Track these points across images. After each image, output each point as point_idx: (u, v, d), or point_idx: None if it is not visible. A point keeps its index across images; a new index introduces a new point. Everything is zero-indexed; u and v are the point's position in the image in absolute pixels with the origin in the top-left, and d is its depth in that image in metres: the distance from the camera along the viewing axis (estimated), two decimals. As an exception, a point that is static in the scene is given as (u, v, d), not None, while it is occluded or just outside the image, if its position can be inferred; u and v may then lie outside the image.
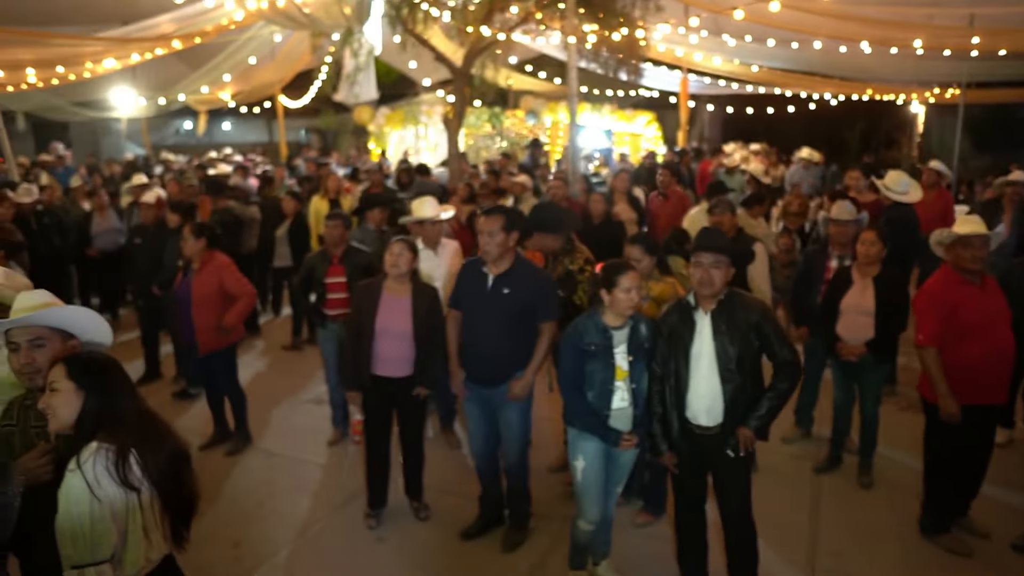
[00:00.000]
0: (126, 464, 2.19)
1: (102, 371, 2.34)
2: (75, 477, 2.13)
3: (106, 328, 2.71)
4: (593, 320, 3.55)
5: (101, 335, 2.70)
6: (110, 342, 2.73)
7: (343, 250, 5.44)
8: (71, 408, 2.26)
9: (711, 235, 3.55)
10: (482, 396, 4.18)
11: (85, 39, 9.40)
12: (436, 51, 9.93)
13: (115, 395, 2.31)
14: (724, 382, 3.39)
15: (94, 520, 2.11)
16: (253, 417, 5.79)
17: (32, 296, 2.68)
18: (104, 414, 2.26)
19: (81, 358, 2.37)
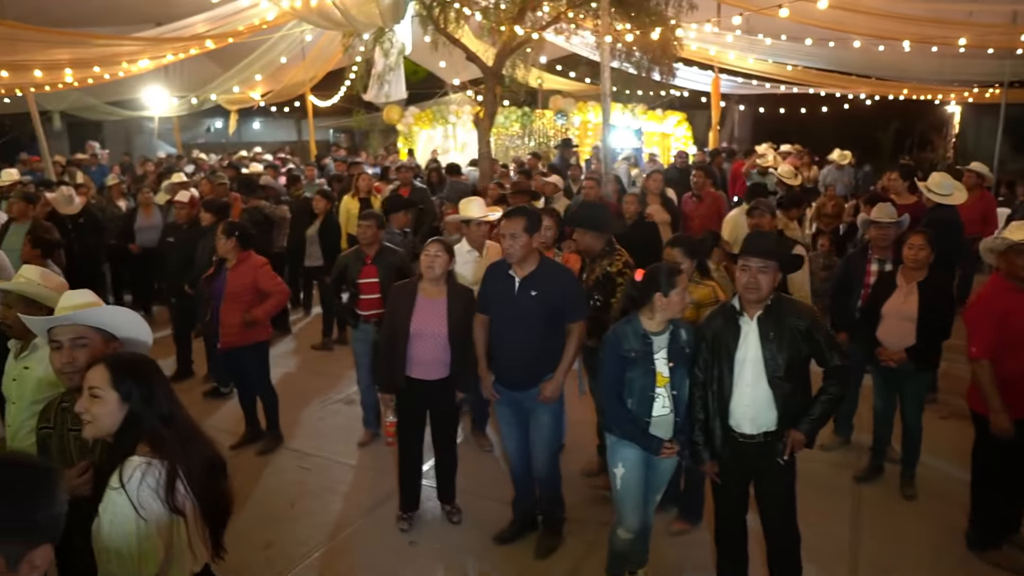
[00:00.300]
0: (173, 487, 2.09)
1: (147, 379, 2.24)
2: (119, 496, 2.02)
3: (147, 329, 2.69)
4: (632, 326, 3.48)
5: (143, 335, 2.68)
6: (151, 343, 2.71)
7: (376, 250, 5.41)
8: (113, 418, 2.17)
9: (759, 239, 3.45)
10: (513, 399, 4.12)
11: (123, 39, 9.51)
12: (468, 50, 9.88)
13: (159, 405, 2.21)
14: (773, 389, 3.30)
15: (140, 539, 2.02)
16: (283, 417, 5.78)
17: (76, 295, 2.66)
18: (148, 426, 2.18)
19: (125, 364, 2.26)
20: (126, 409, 2.17)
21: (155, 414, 2.18)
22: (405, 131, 18.84)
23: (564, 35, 10.33)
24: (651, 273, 3.45)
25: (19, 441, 3.33)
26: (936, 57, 11.60)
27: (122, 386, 2.17)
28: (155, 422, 2.17)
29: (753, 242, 3.39)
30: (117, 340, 2.62)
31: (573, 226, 4.55)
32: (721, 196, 7.98)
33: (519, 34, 9.33)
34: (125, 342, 2.65)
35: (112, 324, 2.59)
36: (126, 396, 2.17)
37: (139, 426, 2.16)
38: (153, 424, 2.17)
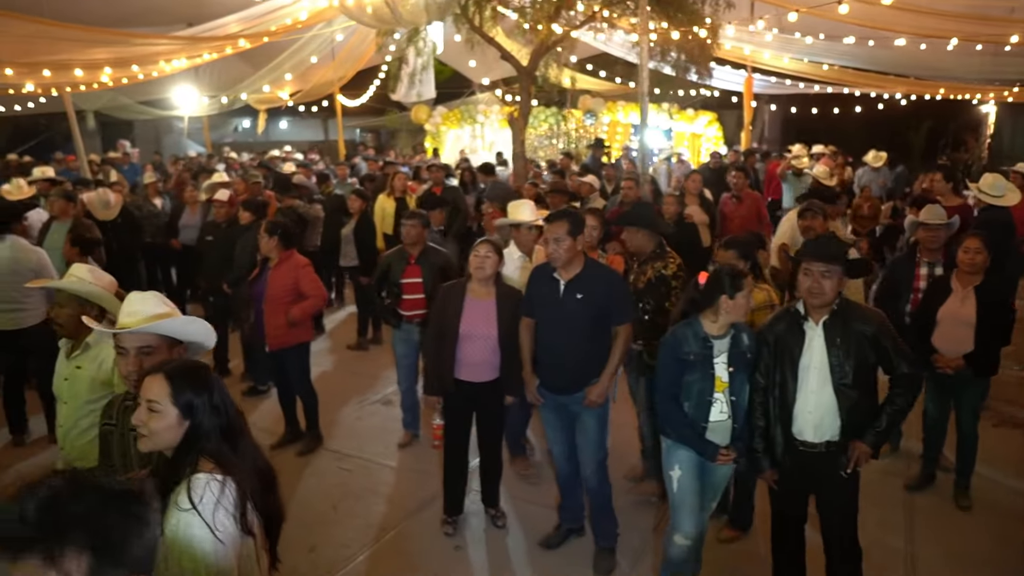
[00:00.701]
0: (245, 506, 2.00)
1: (208, 390, 2.11)
2: (192, 518, 1.90)
3: (213, 335, 2.67)
4: (692, 328, 3.40)
5: (209, 341, 2.66)
6: (212, 346, 2.69)
7: (420, 250, 5.36)
8: (173, 433, 2.07)
9: (823, 243, 3.34)
10: (558, 403, 4.05)
11: (161, 38, 9.55)
12: (503, 49, 9.83)
13: (221, 416, 2.10)
14: (840, 397, 3.21)
15: (218, 563, 1.92)
16: (321, 417, 5.74)
17: (146, 300, 2.60)
18: (211, 441, 2.07)
19: (186, 376, 2.12)
20: (187, 424, 2.07)
21: (217, 427, 2.09)
22: (433, 131, 18.84)
23: (599, 33, 10.19)
24: (716, 275, 3.37)
25: (71, 442, 3.32)
26: (978, 56, 11.36)
27: (182, 400, 2.07)
28: (218, 437, 2.08)
29: (816, 246, 3.29)
30: (182, 345, 2.60)
31: (626, 225, 4.45)
32: (760, 197, 7.84)
33: (556, 32, 9.25)
34: (188, 346, 2.62)
35: (183, 333, 2.57)
36: (187, 411, 2.07)
37: (202, 441, 2.06)
38: (216, 439, 2.07)
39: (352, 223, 7.75)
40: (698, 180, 8.08)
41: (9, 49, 8.33)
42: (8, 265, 5.42)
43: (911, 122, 25.84)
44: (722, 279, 3.31)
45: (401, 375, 5.59)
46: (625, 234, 4.50)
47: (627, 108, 17.72)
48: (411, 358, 5.51)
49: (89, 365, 3.32)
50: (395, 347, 5.60)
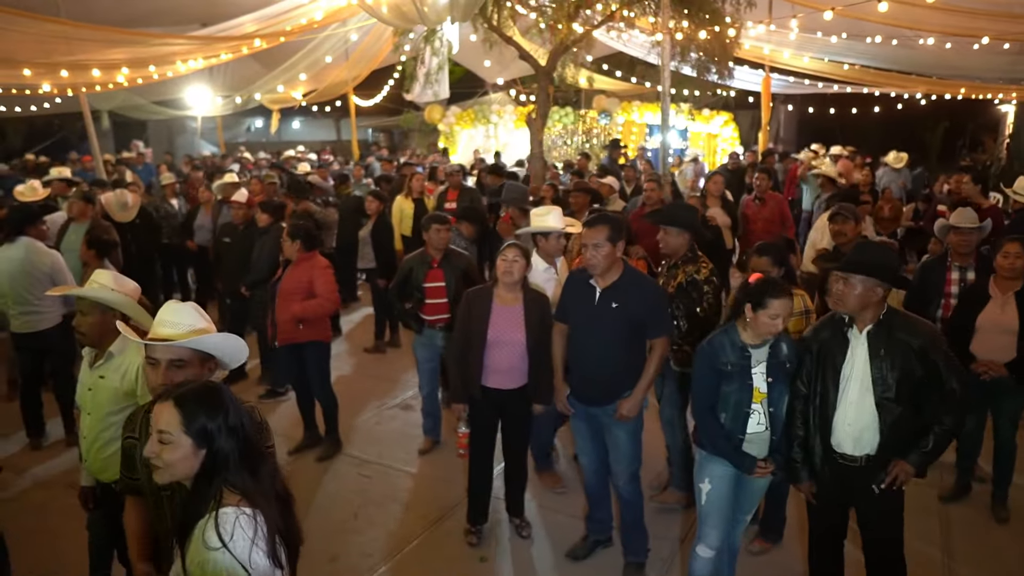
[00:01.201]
0: (275, 543, 1.90)
1: (222, 413, 1.97)
2: (223, 557, 1.80)
3: (246, 352, 2.61)
4: (729, 337, 3.29)
5: (240, 358, 2.60)
6: (243, 361, 2.64)
7: (443, 254, 5.27)
8: (189, 464, 1.95)
9: (866, 250, 3.19)
10: (589, 414, 3.95)
11: (177, 38, 9.49)
12: (521, 49, 9.72)
13: (239, 442, 1.97)
14: (881, 410, 3.09)
15: None
16: (340, 422, 5.66)
17: (184, 312, 2.53)
18: (232, 471, 1.94)
19: (198, 401, 1.97)
20: (203, 453, 1.95)
21: (236, 450, 1.96)
22: (446, 131, 18.77)
23: (617, 32, 10.06)
24: (759, 282, 3.26)
25: (95, 454, 3.24)
26: (1004, 55, 11.18)
27: (195, 427, 1.94)
28: (238, 463, 1.95)
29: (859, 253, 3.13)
30: (213, 360, 2.52)
31: (664, 225, 4.33)
32: (783, 199, 7.70)
33: (577, 32, 9.14)
34: (219, 361, 2.55)
35: (219, 349, 2.49)
36: (202, 438, 1.94)
37: (222, 470, 1.94)
38: (236, 465, 1.95)
39: (369, 224, 7.66)
40: (720, 182, 7.96)
41: (26, 49, 8.32)
42: (21, 267, 5.36)
43: (928, 123, 25.59)
44: (758, 287, 3.20)
45: (423, 380, 5.50)
46: (661, 235, 4.36)
47: (642, 108, 17.59)
48: (433, 363, 5.43)
49: (112, 375, 3.24)
50: (416, 351, 5.51)
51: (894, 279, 3.08)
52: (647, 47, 11.11)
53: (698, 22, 8.95)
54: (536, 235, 4.90)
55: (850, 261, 3.10)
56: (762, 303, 3.14)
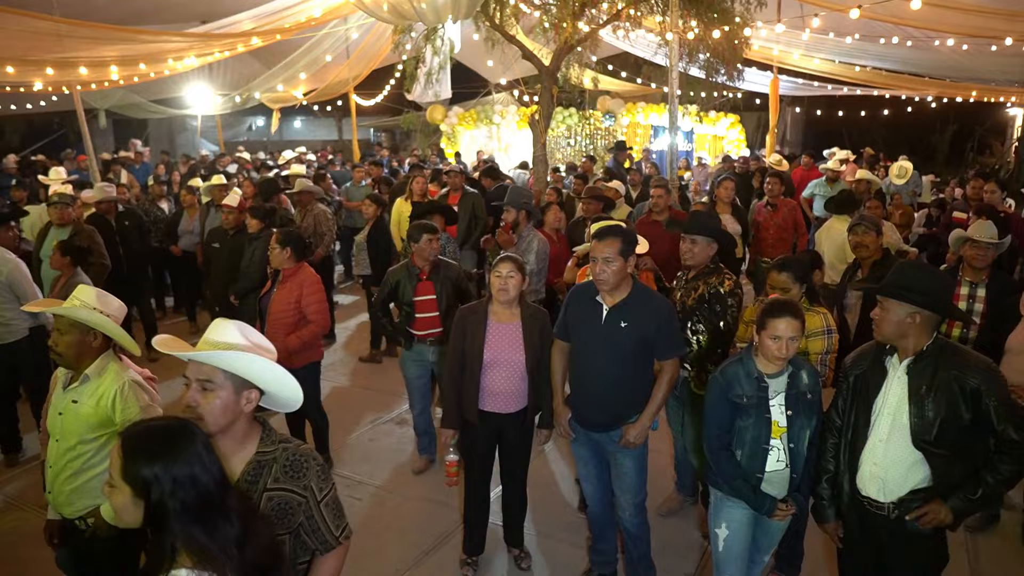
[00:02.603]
0: None
1: (168, 461, 1.67)
2: None
3: (294, 386, 2.21)
4: (744, 366, 3.00)
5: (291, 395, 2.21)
6: (297, 406, 2.25)
7: (433, 265, 4.96)
8: (131, 515, 1.69)
9: (905, 272, 2.82)
10: (591, 439, 3.67)
11: (168, 35, 9.23)
12: (524, 48, 9.43)
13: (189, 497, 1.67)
14: (928, 456, 2.73)
15: None
16: (332, 437, 5.41)
17: (222, 329, 2.18)
18: (180, 527, 1.65)
19: (139, 446, 1.69)
20: (142, 507, 1.67)
21: (185, 506, 1.66)
22: (448, 131, 18.48)
23: (624, 31, 9.75)
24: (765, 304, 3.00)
25: (60, 486, 2.96)
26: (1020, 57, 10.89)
27: (132, 474, 1.66)
28: (189, 520, 1.66)
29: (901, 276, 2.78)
30: (254, 389, 2.14)
31: (691, 234, 4.04)
32: (796, 205, 7.40)
33: (583, 31, 8.85)
34: (267, 396, 2.21)
35: (251, 373, 2.11)
36: (140, 487, 1.66)
37: (168, 526, 1.65)
38: (186, 523, 1.66)
39: (366, 230, 7.38)
40: (730, 187, 7.67)
41: (17, 46, 8.06)
42: None
43: (936, 125, 25.35)
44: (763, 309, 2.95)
45: (414, 398, 5.19)
46: (686, 245, 4.08)
47: (647, 109, 17.29)
48: (424, 379, 5.13)
49: (87, 400, 2.95)
50: (405, 368, 5.16)
51: (936, 305, 2.73)
52: (654, 47, 10.81)
53: (707, 21, 8.65)
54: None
55: (889, 283, 2.79)
56: (763, 323, 2.89)
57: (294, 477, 2.12)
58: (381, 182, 10.15)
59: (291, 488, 2.11)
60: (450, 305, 4.70)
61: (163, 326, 8.88)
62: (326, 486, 2.17)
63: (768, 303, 2.97)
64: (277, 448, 2.16)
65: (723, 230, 4.15)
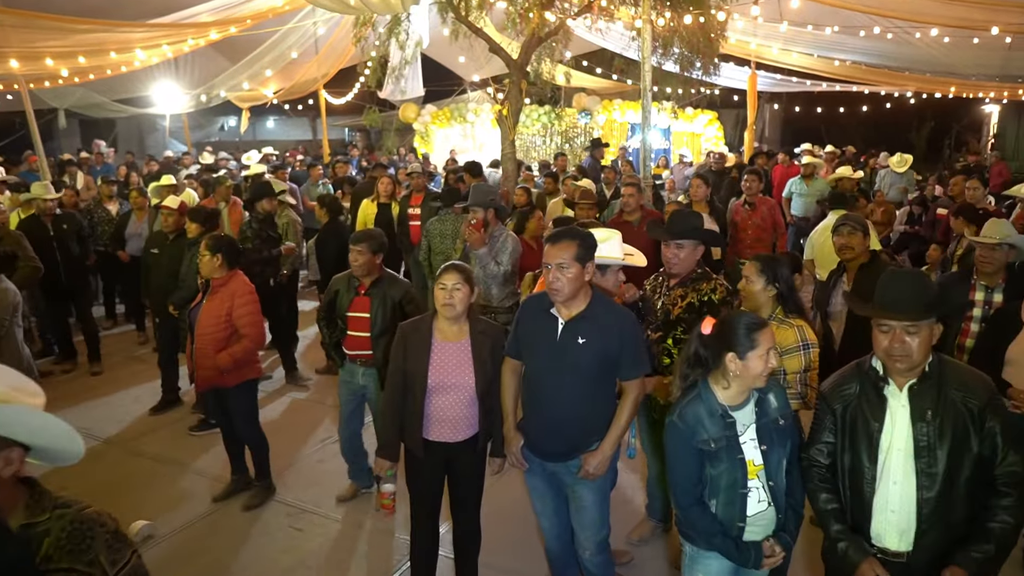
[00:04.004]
0: None
1: None
2: None
3: (75, 443, 1.79)
4: (705, 404, 2.57)
5: (64, 450, 1.79)
6: (78, 457, 1.81)
7: (373, 279, 4.44)
8: None
9: (905, 283, 2.43)
10: (546, 470, 3.26)
11: (108, 24, 8.65)
12: (491, 41, 9.00)
13: None
14: (921, 490, 2.38)
15: None
16: (279, 456, 5.00)
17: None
18: None
19: None
20: None
21: None
22: (422, 130, 18.03)
23: (593, 20, 9.34)
24: (726, 324, 2.57)
25: None
26: (1000, 52, 10.65)
27: None
28: None
29: (894, 287, 2.41)
30: (16, 448, 1.70)
31: (676, 240, 3.65)
32: (776, 203, 7.05)
33: (550, 21, 8.43)
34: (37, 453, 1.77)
35: (6, 427, 1.67)
36: None
37: None
38: None
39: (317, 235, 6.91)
40: (702, 185, 7.30)
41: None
42: None
43: (913, 122, 25.33)
44: (733, 329, 2.52)
45: (342, 422, 4.71)
46: (670, 251, 3.67)
47: (623, 106, 16.95)
48: (354, 403, 4.66)
49: None
50: (339, 389, 4.73)
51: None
52: (627, 41, 10.43)
53: (681, 11, 8.27)
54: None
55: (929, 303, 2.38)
56: (753, 342, 2.47)
57: (75, 552, 1.68)
58: (344, 181, 9.70)
59: (72, 567, 1.68)
60: (387, 328, 4.24)
61: (110, 336, 8.41)
62: (121, 557, 1.74)
63: (738, 319, 2.56)
64: (50, 517, 1.71)
65: (711, 231, 3.77)
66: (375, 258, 4.38)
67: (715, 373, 2.59)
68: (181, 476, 5.15)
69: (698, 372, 2.63)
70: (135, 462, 5.38)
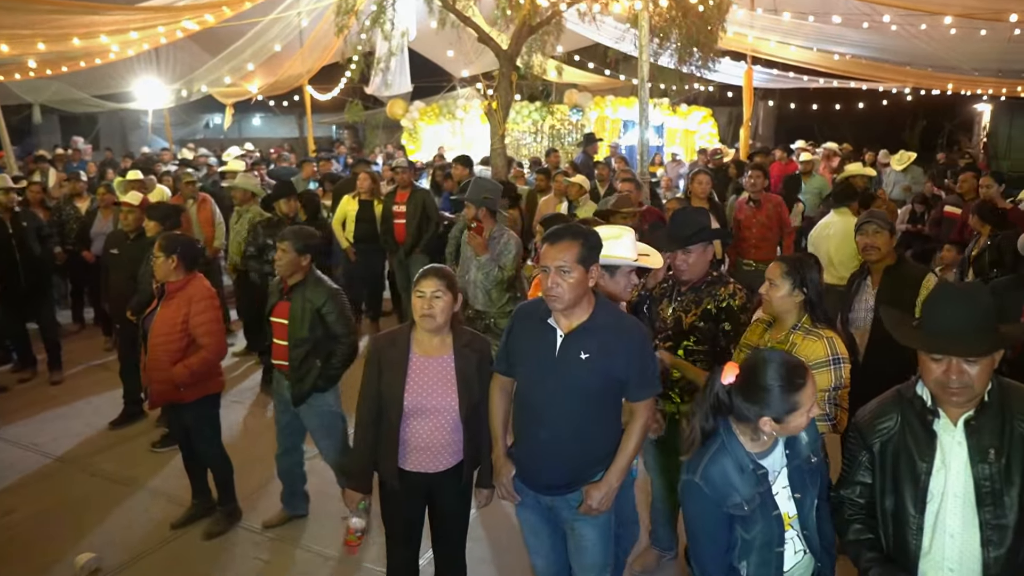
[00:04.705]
0: None
1: None
2: None
3: None
4: (732, 458, 2.12)
5: None
6: None
7: (297, 280, 3.97)
8: None
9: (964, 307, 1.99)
10: (542, 504, 2.83)
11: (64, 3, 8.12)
12: (479, 30, 8.57)
13: None
14: (988, 547, 1.96)
15: None
16: (246, 475, 4.56)
17: None
18: None
19: None
20: None
21: None
22: (410, 127, 17.60)
23: (589, 11, 8.93)
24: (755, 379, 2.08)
25: None
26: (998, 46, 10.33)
27: None
28: None
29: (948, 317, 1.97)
30: None
31: (681, 247, 3.24)
32: (781, 200, 6.65)
33: (542, 7, 8.01)
34: None
35: None
36: None
37: None
38: None
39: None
40: (705, 182, 6.91)
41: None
42: None
43: (906, 120, 25.13)
44: (762, 389, 2.05)
45: (279, 438, 4.24)
46: (677, 259, 3.29)
47: (616, 103, 16.58)
48: (287, 417, 4.16)
49: None
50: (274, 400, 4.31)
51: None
52: (620, 33, 10.01)
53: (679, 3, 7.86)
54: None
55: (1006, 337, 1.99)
56: (791, 404, 2.03)
57: None
58: (326, 178, 9.27)
59: None
60: (304, 338, 3.84)
61: (76, 341, 7.94)
62: None
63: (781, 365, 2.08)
64: None
65: (720, 229, 3.37)
66: (300, 258, 3.95)
67: (743, 425, 2.15)
68: (138, 498, 4.70)
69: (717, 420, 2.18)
70: (89, 482, 4.92)
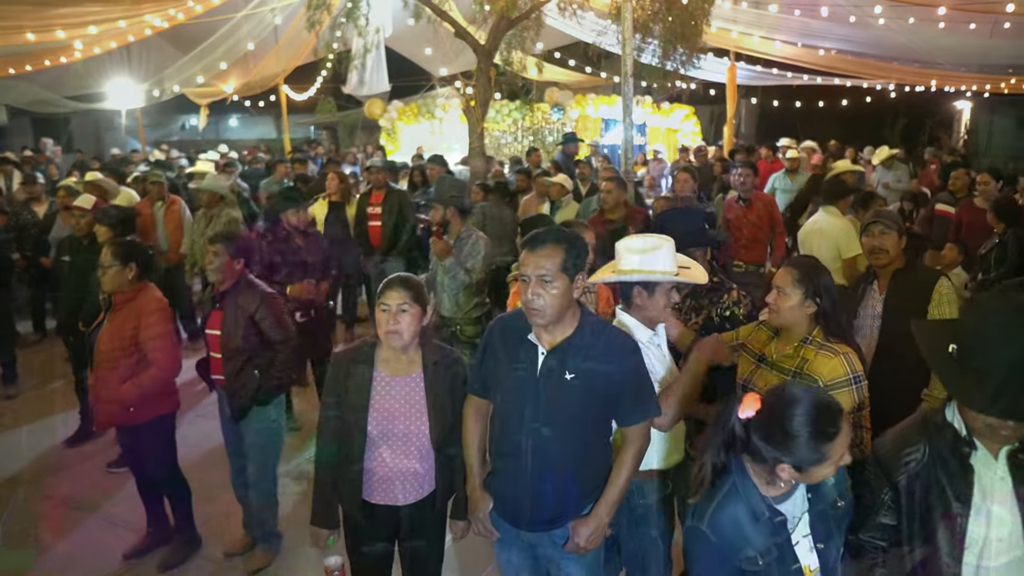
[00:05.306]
0: None
1: None
2: None
3: None
4: (745, 503, 1.85)
5: None
6: None
7: (229, 286, 3.69)
8: None
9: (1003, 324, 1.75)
10: (523, 541, 2.54)
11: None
12: (456, 24, 8.27)
13: None
14: None
15: None
16: (212, 500, 4.23)
17: None
18: None
19: None
20: None
21: None
22: (388, 127, 17.26)
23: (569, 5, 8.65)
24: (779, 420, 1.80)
25: None
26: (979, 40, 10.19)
27: None
28: None
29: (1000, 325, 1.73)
30: None
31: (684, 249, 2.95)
32: (773, 199, 6.41)
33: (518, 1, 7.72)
34: None
35: None
36: None
37: None
38: None
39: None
40: (688, 180, 6.67)
41: None
42: None
43: (887, 118, 25.15)
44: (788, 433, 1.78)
45: (229, 459, 3.94)
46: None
47: (597, 101, 16.34)
48: (236, 435, 3.83)
49: None
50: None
51: None
52: (601, 27, 9.74)
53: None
54: (629, 284, 2.71)
55: None
56: (820, 454, 1.76)
57: None
58: (299, 180, 8.95)
59: None
60: (238, 348, 3.55)
61: (36, 352, 7.56)
62: None
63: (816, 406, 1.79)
64: None
65: (717, 231, 3.11)
66: (234, 262, 3.67)
67: (760, 470, 1.87)
68: (90, 524, 4.36)
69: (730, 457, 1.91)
70: (38, 507, 4.58)
